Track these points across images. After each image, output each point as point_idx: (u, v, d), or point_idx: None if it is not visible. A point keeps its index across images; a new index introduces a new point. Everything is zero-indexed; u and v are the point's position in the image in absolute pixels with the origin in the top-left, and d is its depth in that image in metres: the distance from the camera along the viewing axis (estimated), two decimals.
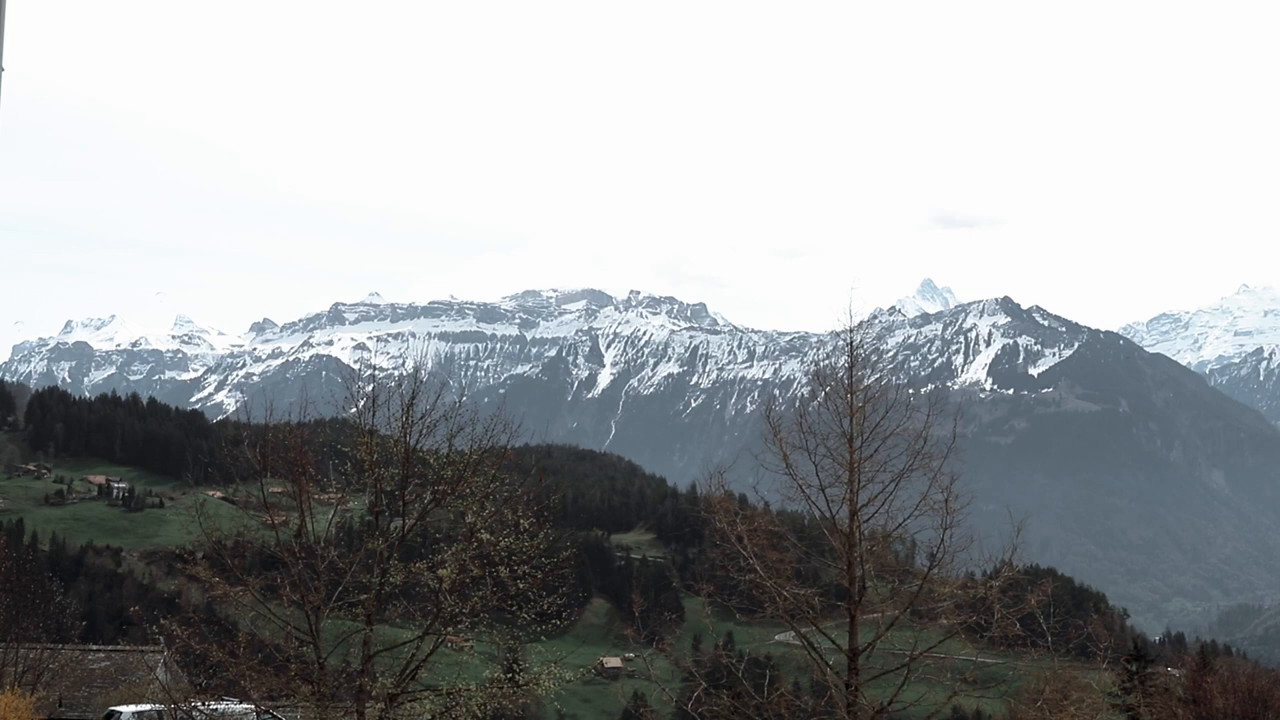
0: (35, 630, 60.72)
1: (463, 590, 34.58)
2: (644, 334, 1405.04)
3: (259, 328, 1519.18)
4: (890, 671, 35.44)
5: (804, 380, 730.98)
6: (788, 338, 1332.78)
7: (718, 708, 36.08)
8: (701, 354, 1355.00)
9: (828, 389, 36.91)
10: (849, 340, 36.79)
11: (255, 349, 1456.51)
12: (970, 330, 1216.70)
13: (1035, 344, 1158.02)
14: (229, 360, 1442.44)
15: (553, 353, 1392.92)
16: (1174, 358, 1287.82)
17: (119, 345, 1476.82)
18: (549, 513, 36.59)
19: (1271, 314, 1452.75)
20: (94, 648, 70.69)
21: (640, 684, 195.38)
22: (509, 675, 35.38)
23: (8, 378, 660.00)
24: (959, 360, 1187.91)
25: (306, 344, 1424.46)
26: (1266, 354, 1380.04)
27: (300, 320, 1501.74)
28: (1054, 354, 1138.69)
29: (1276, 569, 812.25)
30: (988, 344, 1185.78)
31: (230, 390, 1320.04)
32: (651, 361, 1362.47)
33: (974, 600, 35.71)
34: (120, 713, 53.71)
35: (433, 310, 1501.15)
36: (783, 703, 36.16)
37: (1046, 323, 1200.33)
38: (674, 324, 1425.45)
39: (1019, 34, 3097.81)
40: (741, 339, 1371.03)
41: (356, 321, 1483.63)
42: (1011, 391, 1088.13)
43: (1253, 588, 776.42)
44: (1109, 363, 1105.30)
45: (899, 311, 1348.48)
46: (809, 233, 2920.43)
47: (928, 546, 35.42)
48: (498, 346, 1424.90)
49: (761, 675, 37.35)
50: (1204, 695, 64.30)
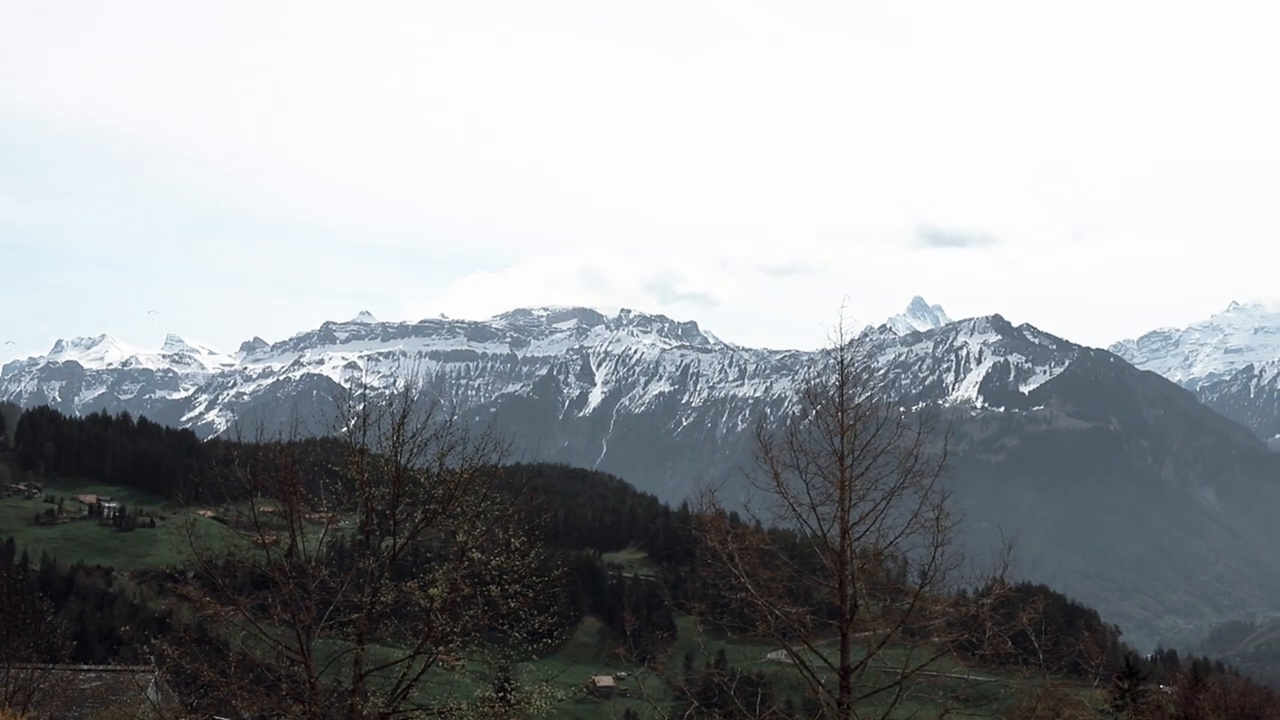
0: (26, 650, 60.46)
1: (454, 609, 34.50)
2: (635, 352, 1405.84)
3: (249, 347, 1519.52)
4: (882, 690, 35.44)
5: (795, 398, 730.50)
6: (779, 356, 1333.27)
7: None
8: (692, 372, 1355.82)
9: (819, 407, 36.97)
10: (840, 358, 36.81)
11: (246, 368, 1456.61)
12: (961, 348, 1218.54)
13: (1026, 362, 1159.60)
14: (220, 379, 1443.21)
15: (544, 371, 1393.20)
16: (1165, 375, 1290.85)
17: (109, 364, 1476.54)
18: (540, 532, 36.55)
19: (1262, 331, 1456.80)
20: (85, 668, 70.35)
21: (632, 703, 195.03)
22: (501, 694, 35.32)
23: None
24: (950, 378, 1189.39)
25: (297, 363, 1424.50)
26: (1257, 371, 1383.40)
27: (291, 339, 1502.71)
28: (1045, 372, 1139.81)
29: (1268, 586, 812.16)
30: (978, 362, 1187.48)
31: (221, 409, 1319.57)
32: (643, 380, 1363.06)
33: (966, 618, 35.71)
34: None
35: (423, 329, 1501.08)
36: None
37: (1037, 340, 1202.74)
38: (665, 342, 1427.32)
39: (1008, 50, 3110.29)
40: (732, 357, 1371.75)
41: (347, 340, 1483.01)
42: (1002, 409, 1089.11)
43: (1244, 604, 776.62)
44: (1100, 380, 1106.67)
45: (890, 329, 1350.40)
46: (799, 251, 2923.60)
47: (919, 564, 35.44)
48: (489, 365, 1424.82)
49: (754, 694, 37.40)
50: (1196, 712, 64.38)
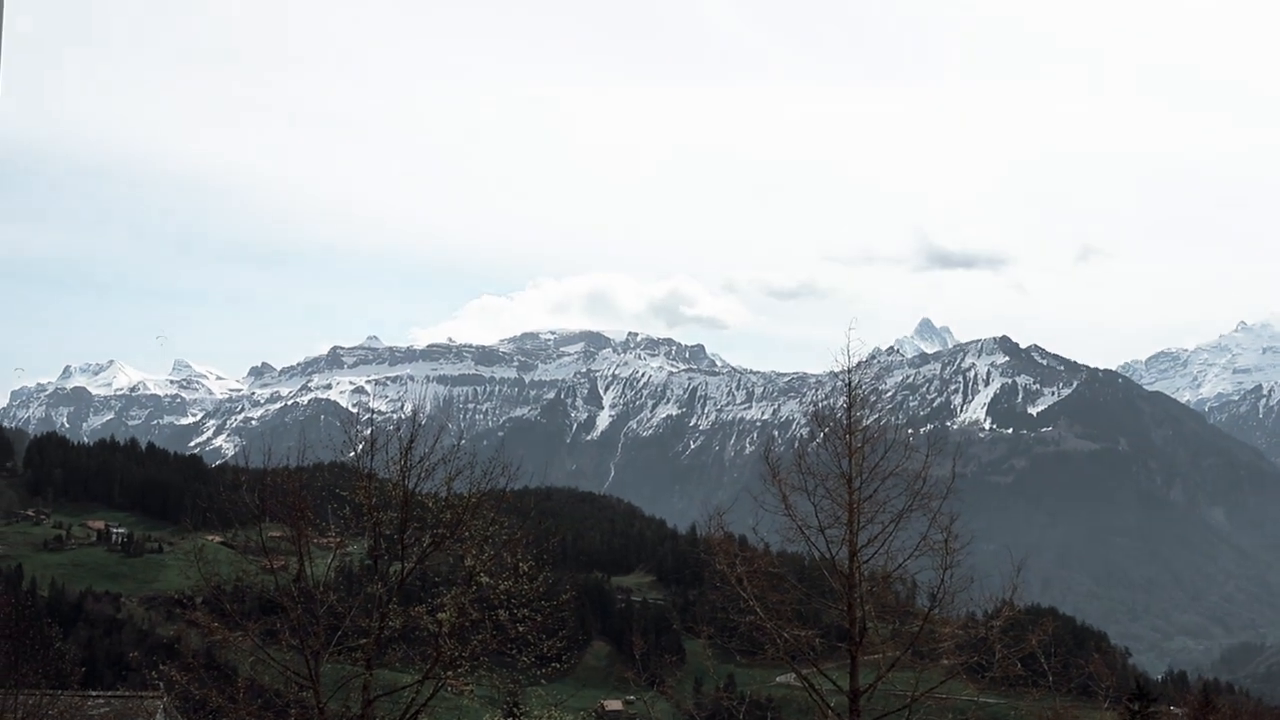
0: (34, 676, 60.46)
1: (462, 634, 34.48)
2: (642, 376, 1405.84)
3: (257, 372, 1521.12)
4: (892, 713, 35.37)
5: (803, 421, 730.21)
6: (786, 378, 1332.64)
7: None
8: (700, 395, 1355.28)
9: (826, 430, 36.95)
10: (847, 381, 36.81)
11: (254, 393, 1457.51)
12: (969, 370, 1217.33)
13: (1034, 383, 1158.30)
14: (227, 405, 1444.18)
15: (551, 395, 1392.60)
16: (1173, 396, 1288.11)
17: (118, 390, 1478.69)
18: (548, 555, 36.57)
19: (1270, 351, 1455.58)
20: (94, 694, 70.29)
21: None
22: (510, 719, 35.29)
23: (6, 423, 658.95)
24: (958, 400, 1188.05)
25: (305, 388, 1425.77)
26: (1265, 391, 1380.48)
27: (298, 364, 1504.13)
28: (1053, 393, 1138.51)
29: (1278, 606, 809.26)
30: (986, 383, 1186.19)
31: (229, 435, 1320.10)
32: (650, 403, 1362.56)
33: (975, 640, 35.65)
34: None
35: (431, 353, 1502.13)
36: None
37: (1045, 362, 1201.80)
38: (672, 365, 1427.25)
39: (1014, 72, 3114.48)
40: (740, 380, 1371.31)
41: (355, 365, 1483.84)
42: (1010, 431, 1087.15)
43: (1254, 625, 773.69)
44: (1108, 401, 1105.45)
45: (897, 352, 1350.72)
46: (807, 274, 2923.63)
47: (928, 587, 35.39)
48: (496, 389, 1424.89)
49: (763, 717, 37.35)
50: None
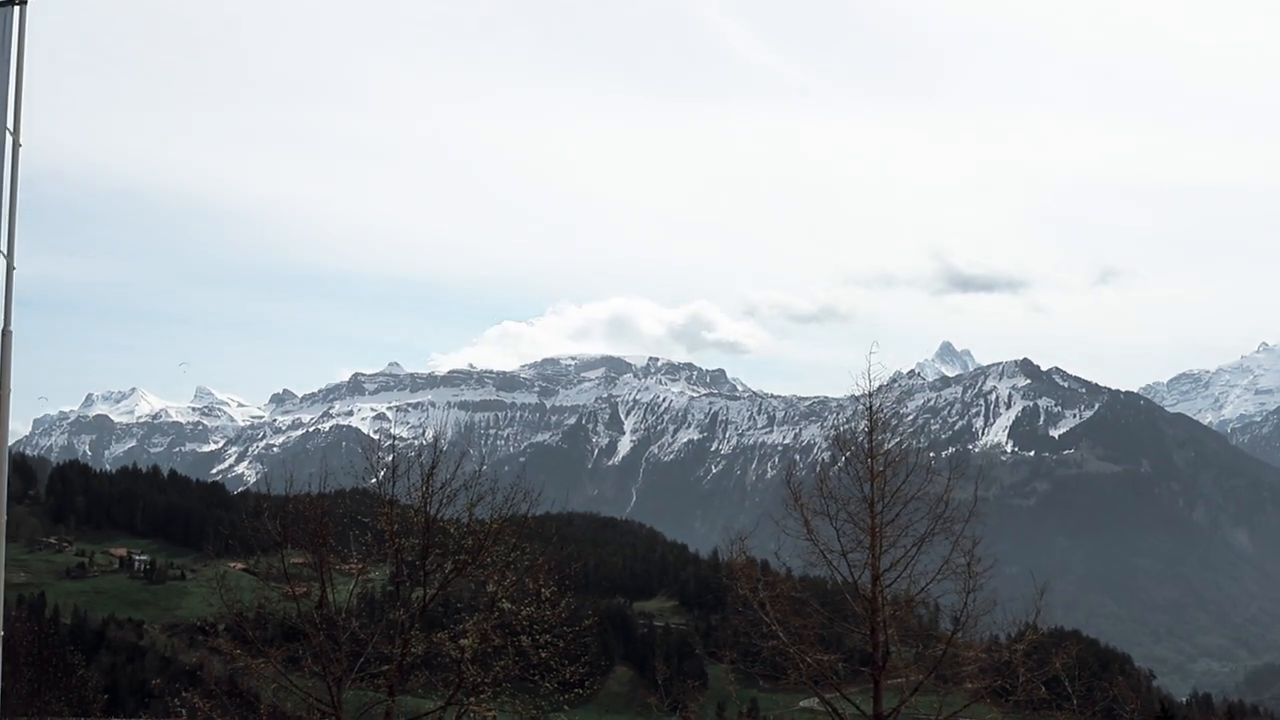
0: (58, 704, 60.75)
1: (485, 660, 34.47)
2: (663, 400, 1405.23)
3: (279, 399, 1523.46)
4: None
5: (824, 445, 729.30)
6: (807, 402, 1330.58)
7: None
8: (721, 420, 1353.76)
9: (848, 454, 36.93)
10: (869, 404, 36.81)
11: (275, 420, 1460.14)
12: (990, 393, 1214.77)
13: (1055, 405, 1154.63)
14: (249, 431, 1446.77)
15: (572, 420, 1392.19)
16: (1195, 417, 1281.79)
17: (139, 418, 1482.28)
18: (570, 581, 36.58)
19: None
20: None
21: None
22: None
23: (29, 451, 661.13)
24: (979, 423, 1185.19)
25: (326, 415, 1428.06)
26: None
27: (320, 391, 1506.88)
28: (1074, 415, 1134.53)
29: None
30: (1008, 406, 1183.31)
31: (251, 461, 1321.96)
32: (671, 428, 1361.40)
33: (998, 664, 35.57)
34: None
35: (452, 379, 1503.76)
36: None
37: (1066, 384, 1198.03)
38: (693, 390, 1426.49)
39: (1032, 94, 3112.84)
40: (761, 404, 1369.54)
41: (376, 392, 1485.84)
42: (1032, 453, 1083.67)
43: (1279, 647, 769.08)
44: (1130, 423, 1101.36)
45: (918, 375, 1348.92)
46: (827, 298, 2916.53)
47: (951, 610, 35.33)
48: (517, 415, 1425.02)
49: None
50: None
